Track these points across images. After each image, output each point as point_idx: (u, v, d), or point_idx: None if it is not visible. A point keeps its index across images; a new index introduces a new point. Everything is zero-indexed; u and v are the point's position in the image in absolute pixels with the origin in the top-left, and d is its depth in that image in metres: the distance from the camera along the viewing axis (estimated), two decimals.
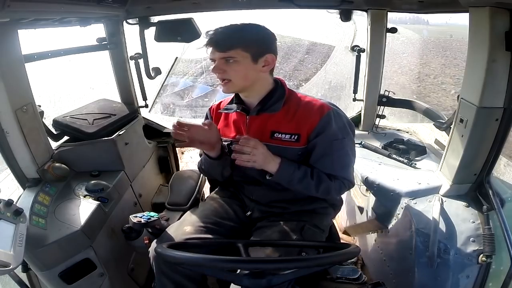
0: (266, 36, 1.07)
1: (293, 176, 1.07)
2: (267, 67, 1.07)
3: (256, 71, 1.06)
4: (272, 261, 0.88)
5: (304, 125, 1.08)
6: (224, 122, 1.23)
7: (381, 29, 1.75)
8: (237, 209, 1.25)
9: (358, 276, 1.56)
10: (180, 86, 7.55)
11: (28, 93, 1.23)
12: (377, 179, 1.41)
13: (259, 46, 1.04)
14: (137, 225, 1.09)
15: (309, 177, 1.08)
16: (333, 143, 1.08)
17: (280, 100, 1.10)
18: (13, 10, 0.89)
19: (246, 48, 1.02)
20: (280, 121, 1.10)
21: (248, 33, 1.05)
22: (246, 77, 1.06)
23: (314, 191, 1.09)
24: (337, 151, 1.09)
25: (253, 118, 1.13)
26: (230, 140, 1.18)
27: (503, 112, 1.04)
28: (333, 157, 1.09)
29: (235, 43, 1.01)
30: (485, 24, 0.96)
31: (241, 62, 1.03)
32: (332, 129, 1.07)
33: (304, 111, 1.09)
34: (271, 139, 1.11)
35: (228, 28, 1.04)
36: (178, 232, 1.11)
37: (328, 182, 1.09)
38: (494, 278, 1.11)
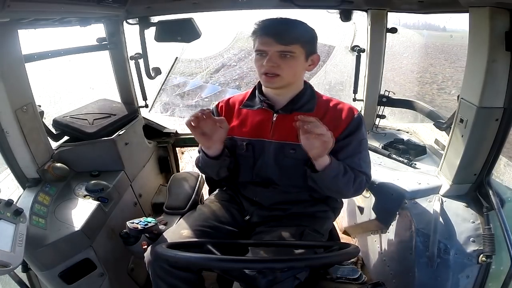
0: (316, 36, 1.08)
1: (339, 170, 1.04)
2: (312, 66, 1.09)
3: (304, 69, 1.08)
4: (272, 261, 0.88)
5: (335, 124, 1.08)
6: (238, 120, 1.19)
7: (381, 29, 1.75)
8: (235, 213, 1.23)
9: (358, 276, 1.56)
10: (190, 86, 7.55)
11: (28, 93, 1.23)
12: (377, 179, 1.41)
13: (312, 44, 1.06)
14: (133, 232, 1.08)
15: (350, 171, 1.08)
16: (362, 142, 1.12)
17: (312, 100, 1.13)
18: (13, 10, 0.89)
19: (304, 45, 1.02)
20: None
21: (307, 29, 1.05)
22: (296, 74, 1.07)
23: (351, 186, 1.08)
24: (363, 150, 1.13)
25: (282, 117, 1.12)
26: (250, 139, 1.15)
27: (503, 112, 1.04)
28: (360, 156, 1.11)
29: (298, 38, 1.01)
30: (485, 24, 0.96)
31: (298, 59, 1.02)
32: (362, 130, 1.11)
33: (335, 111, 1.12)
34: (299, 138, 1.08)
35: (287, 21, 1.03)
36: (175, 236, 1.09)
37: (359, 178, 1.10)
38: (494, 278, 1.11)
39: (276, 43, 0.99)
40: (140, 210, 1.74)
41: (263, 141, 1.14)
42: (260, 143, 1.14)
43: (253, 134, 1.15)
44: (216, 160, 1.14)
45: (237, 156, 1.19)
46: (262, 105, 1.13)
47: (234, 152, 1.19)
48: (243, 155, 1.17)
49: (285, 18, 1.04)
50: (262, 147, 1.14)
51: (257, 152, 1.15)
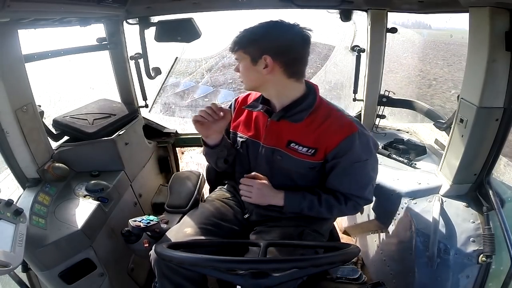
0: (266, 37, 1.00)
1: (301, 206, 1.09)
2: (270, 70, 1.00)
3: (259, 73, 1.02)
4: (272, 261, 0.88)
5: (325, 141, 1.05)
6: (246, 118, 1.21)
7: (381, 29, 1.75)
8: (237, 210, 1.25)
9: (358, 276, 1.56)
10: (182, 87, 7.55)
11: (28, 93, 1.23)
12: (377, 179, 1.40)
13: (255, 47, 1.01)
14: (136, 229, 1.09)
15: (317, 205, 1.08)
16: (355, 165, 1.05)
17: (305, 110, 1.06)
18: (13, 10, 0.89)
19: (245, 50, 1.02)
20: (300, 132, 1.07)
21: (248, 33, 1.03)
22: (251, 79, 1.06)
23: (328, 215, 1.11)
24: (357, 173, 1.07)
25: (273, 123, 1.11)
26: (246, 138, 1.18)
27: (503, 112, 1.04)
28: (350, 178, 1.07)
29: (237, 45, 1.03)
30: (485, 24, 0.96)
31: (243, 63, 1.05)
32: (355, 152, 1.04)
33: (330, 126, 1.05)
34: (287, 148, 1.09)
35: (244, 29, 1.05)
36: (179, 234, 1.10)
37: (338, 206, 1.09)
38: (494, 278, 1.11)
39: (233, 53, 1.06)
40: (140, 210, 1.74)
41: (258, 143, 1.15)
42: (255, 144, 1.16)
43: (251, 134, 1.17)
44: (213, 150, 1.19)
45: (237, 152, 1.23)
46: (262, 108, 1.12)
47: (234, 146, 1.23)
48: (240, 153, 1.21)
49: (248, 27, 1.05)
50: (257, 149, 1.16)
51: (251, 152, 1.18)
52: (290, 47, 1.00)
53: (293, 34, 1.00)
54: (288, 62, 1.01)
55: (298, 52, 1.02)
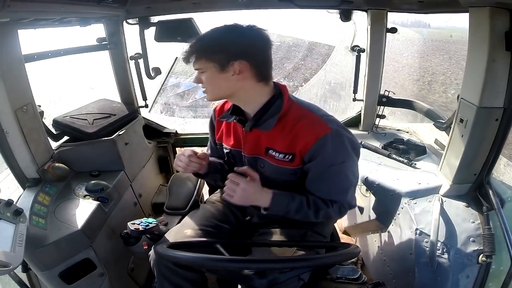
0: (231, 42, 0.95)
1: (288, 208, 1.01)
2: (240, 76, 0.95)
3: (229, 81, 0.96)
4: (272, 261, 0.88)
5: (298, 144, 0.99)
6: (225, 128, 1.17)
7: (381, 29, 1.75)
8: (237, 213, 1.24)
9: (358, 276, 1.56)
10: (183, 87, 7.53)
11: (28, 93, 1.23)
12: (377, 179, 1.41)
13: (221, 53, 0.94)
14: (134, 233, 1.09)
15: (306, 207, 1.01)
16: (330, 169, 0.99)
17: (274, 115, 1.00)
18: (13, 10, 0.89)
19: (208, 58, 0.95)
20: (274, 138, 1.03)
21: (209, 40, 0.97)
22: (219, 87, 0.99)
23: (314, 218, 1.03)
24: (334, 176, 1.01)
25: (247, 133, 1.06)
26: (230, 148, 1.16)
27: (503, 112, 1.04)
28: (329, 183, 1.01)
29: (196, 54, 0.96)
30: (485, 24, 0.96)
31: (209, 73, 0.96)
32: (328, 154, 0.97)
33: (300, 130, 0.99)
34: (266, 155, 1.05)
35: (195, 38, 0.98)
36: (178, 236, 1.10)
37: (326, 209, 1.02)
38: (494, 278, 1.11)
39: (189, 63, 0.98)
40: (140, 210, 1.74)
41: (240, 152, 1.13)
42: (238, 153, 1.14)
43: (234, 144, 1.14)
44: (207, 177, 1.20)
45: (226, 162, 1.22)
46: (234, 119, 1.07)
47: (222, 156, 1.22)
48: (228, 163, 1.20)
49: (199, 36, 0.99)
50: (240, 158, 1.13)
51: (237, 161, 1.15)
52: (256, 50, 0.96)
53: (255, 36, 0.96)
54: (256, 65, 0.96)
55: (264, 53, 0.98)
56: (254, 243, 1.13)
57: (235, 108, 1.08)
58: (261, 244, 1.09)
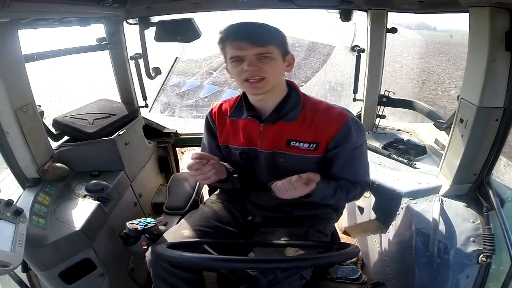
0: (285, 36, 1.04)
1: (327, 193, 1.05)
2: (290, 67, 1.04)
3: (283, 71, 1.03)
4: (272, 261, 0.88)
5: (323, 133, 1.05)
6: (231, 128, 1.16)
7: (381, 29, 1.75)
8: (237, 214, 1.23)
9: (358, 276, 1.56)
10: (187, 86, 7.52)
11: (28, 93, 1.23)
12: (377, 179, 1.41)
13: (285, 44, 1.02)
14: (133, 232, 1.09)
15: (339, 190, 1.06)
16: (354, 152, 1.06)
17: (296, 107, 1.06)
18: (13, 10, 0.89)
19: (279, 45, 0.98)
20: (297, 129, 1.06)
21: (278, 30, 1.01)
22: (278, 76, 1.02)
23: (344, 200, 1.11)
24: (358, 158, 1.09)
25: (267, 126, 1.07)
26: (242, 148, 1.14)
27: (503, 112, 1.04)
28: (355, 165, 1.09)
29: (273, 38, 0.97)
30: (485, 24, 0.96)
31: (276, 59, 0.98)
32: (353, 138, 1.05)
33: (322, 118, 1.05)
34: (287, 147, 1.07)
35: (257, 23, 0.99)
36: (176, 236, 1.10)
37: (353, 190, 1.09)
38: (494, 278, 1.11)
39: (252, 46, 0.94)
40: (140, 210, 1.74)
41: (256, 149, 1.12)
42: (253, 151, 1.13)
43: (245, 143, 1.13)
44: (227, 182, 1.14)
45: (234, 163, 1.18)
46: (248, 115, 1.08)
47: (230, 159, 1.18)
48: (239, 163, 1.17)
49: (254, 22, 1.00)
50: (256, 156, 1.13)
51: (252, 159, 1.15)
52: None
53: None
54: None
55: None
56: (252, 243, 1.12)
57: (247, 104, 1.10)
58: (258, 244, 1.09)
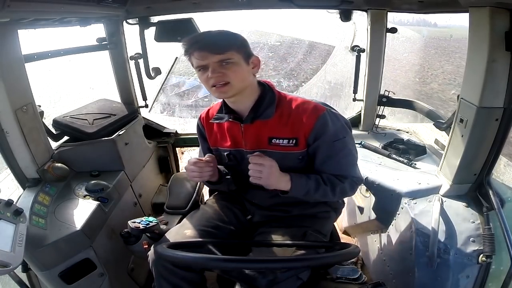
0: (245, 40, 1.05)
1: (308, 187, 1.04)
2: (256, 69, 1.06)
3: (249, 74, 1.04)
4: (271, 261, 0.88)
5: (300, 128, 1.05)
6: (218, 131, 1.19)
7: (381, 29, 1.75)
8: (238, 212, 1.24)
9: (358, 276, 1.56)
10: (186, 86, 7.52)
11: (28, 93, 1.23)
12: (377, 179, 1.41)
13: (245, 47, 1.03)
14: (135, 231, 1.09)
15: (323, 184, 1.06)
16: (335, 144, 1.06)
17: (271, 105, 1.07)
18: (13, 10, 0.89)
19: (239, 50, 1.00)
20: (275, 127, 1.08)
21: (235, 35, 1.03)
22: (244, 79, 1.03)
23: (331, 196, 1.08)
24: (341, 151, 1.07)
25: (247, 126, 1.09)
26: (229, 150, 1.16)
27: (503, 112, 1.04)
28: (338, 158, 1.07)
29: (231, 44, 0.99)
30: (485, 24, 0.96)
31: (238, 63, 1.00)
32: (330, 130, 1.05)
33: (298, 113, 1.06)
34: (270, 145, 1.09)
35: (215, 32, 1.02)
36: (178, 236, 1.10)
37: (340, 184, 1.08)
38: (494, 278, 1.11)
39: (212, 54, 0.97)
40: (140, 210, 1.74)
41: (241, 150, 1.14)
42: (239, 152, 1.15)
43: (231, 144, 1.16)
44: (220, 184, 1.18)
45: (226, 165, 1.21)
46: (229, 118, 1.11)
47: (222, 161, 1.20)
48: (229, 165, 1.19)
49: (210, 31, 1.04)
50: (242, 156, 1.15)
51: (239, 160, 1.17)
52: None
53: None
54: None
55: None
56: (254, 243, 1.12)
57: (227, 107, 1.12)
58: (261, 244, 1.09)
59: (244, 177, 1.16)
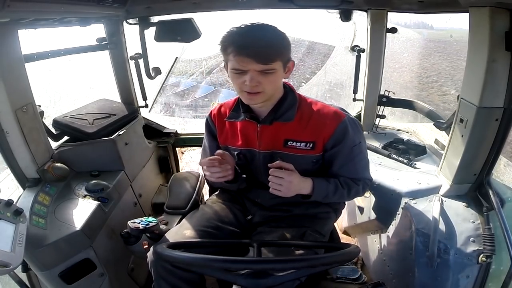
0: (288, 42, 1.00)
1: (328, 191, 1.06)
2: (289, 73, 1.03)
3: (282, 79, 1.04)
4: (271, 261, 0.88)
5: (320, 132, 1.06)
6: (230, 130, 1.18)
7: (381, 29, 1.75)
8: (238, 213, 1.24)
9: (358, 276, 1.56)
10: (183, 86, 7.53)
11: (28, 93, 1.23)
12: (377, 179, 1.41)
13: (288, 53, 1.00)
14: (135, 231, 1.09)
15: (341, 188, 1.08)
16: (353, 149, 1.08)
17: (292, 107, 1.07)
18: (13, 10, 0.89)
19: (283, 58, 0.96)
20: (294, 129, 1.08)
21: (283, 41, 0.97)
22: (277, 87, 1.02)
23: (346, 197, 1.11)
24: (357, 156, 1.10)
25: (265, 127, 1.09)
26: (240, 149, 1.16)
27: (503, 112, 1.04)
28: (355, 162, 1.10)
29: (278, 54, 0.94)
30: (485, 24, 0.96)
31: (278, 73, 0.97)
32: (350, 136, 1.06)
33: (318, 118, 1.07)
34: (285, 147, 1.09)
35: (265, 38, 0.94)
36: (177, 236, 1.10)
37: (355, 187, 1.10)
38: (494, 278, 1.11)
39: (256, 63, 0.92)
40: (140, 210, 1.74)
41: (253, 150, 1.14)
42: (250, 152, 1.15)
43: (243, 144, 1.15)
44: (235, 183, 1.17)
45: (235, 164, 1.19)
46: (246, 117, 1.09)
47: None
48: (238, 164, 1.19)
49: (260, 31, 0.96)
50: (253, 156, 1.15)
51: (249, 160, 1.16)
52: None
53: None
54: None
55: None
56: (254, 243, 1.12)
57: (244, 106, 1.10)
58: (260, 244, 1.09)
59: (252, 176, 1.18)
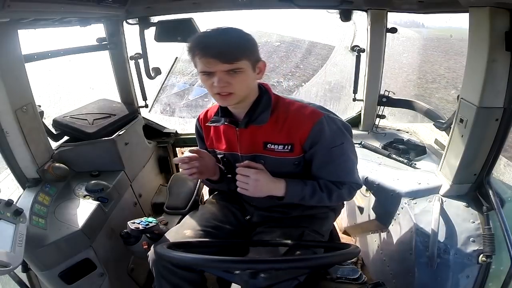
0: (256, 42, 0.98)
1: (303, 193, 1.03)
2: (260, 75, 1.00)
3: (253, 80, 1.00)
4: (271, 261, 0.88)
5: (295, 134, 1.02)
6: (215, 134, 1.17)
7: (381, 29, 1.75)
8: (237, 213, 1.24)
9: (358, 276, 1.56)
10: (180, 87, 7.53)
11: (28, 93, 1.23)
12: (377, 179, 1.41)
13: (255, 53, 0.97)
14: (134, 232, 1.09)
15: (319, 190, 1.04)
16: (332, 151, 1.03)
17: (266, 109, 1.04)
18: (13, 10, 0.89)
19: (249, 57, 0.94)
20: (270, 132, 1.05)
21: (248, 40, 0.96)
22: (248, 87, 0.99)
23: (328, 201, 1.06)
24: (338, 157, 1.04)
25: (242, 131, 1.07)
26: (223, 153, 1.15)
27: (503, 112, 1.04)
28: (335, 165, 1.04)
29: (243, 53, 0.92)
30: (485, 24, 0.96)
31: (246, 72, 0.94)
32: (327, 137, 1.01)
33: (294, 119, 1.03)
34: (265, 150, 1.06)
35: (228, 37, 0.93)
36: (177, 236, 1.10)
37: (337, 190, 1.05)
38: (494, 278, 1.11)
39: (221, 63, 0.90)
40: (140, 210, 1.74)
41: (236, 154, 1.13)
42: (233, 156, 1.14)
43: (226, 147, 1.14)
44: (221, 183, 1.17)
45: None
46: (225, 121, 1.08)
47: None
48: (226, 166, 1.19)
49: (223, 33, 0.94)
50: (236, 160, 1.13)
51: (233, 164, 1.14)
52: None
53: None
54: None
55: None
56: (253, 243, 1.12)
57: (223, 111, 1.09)
58: (260, 244, 1.09)
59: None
